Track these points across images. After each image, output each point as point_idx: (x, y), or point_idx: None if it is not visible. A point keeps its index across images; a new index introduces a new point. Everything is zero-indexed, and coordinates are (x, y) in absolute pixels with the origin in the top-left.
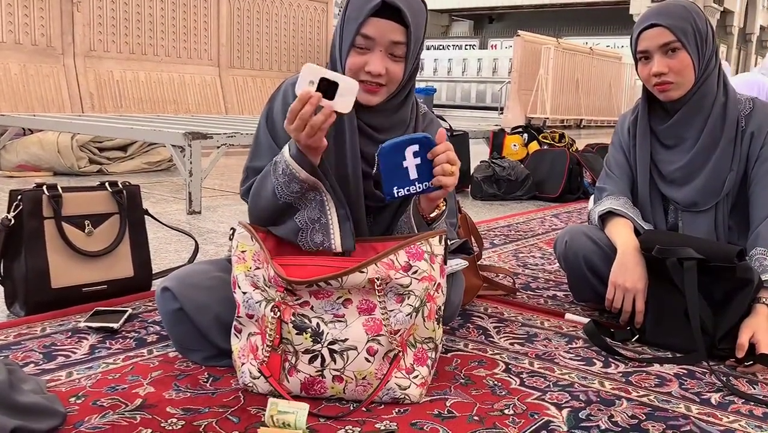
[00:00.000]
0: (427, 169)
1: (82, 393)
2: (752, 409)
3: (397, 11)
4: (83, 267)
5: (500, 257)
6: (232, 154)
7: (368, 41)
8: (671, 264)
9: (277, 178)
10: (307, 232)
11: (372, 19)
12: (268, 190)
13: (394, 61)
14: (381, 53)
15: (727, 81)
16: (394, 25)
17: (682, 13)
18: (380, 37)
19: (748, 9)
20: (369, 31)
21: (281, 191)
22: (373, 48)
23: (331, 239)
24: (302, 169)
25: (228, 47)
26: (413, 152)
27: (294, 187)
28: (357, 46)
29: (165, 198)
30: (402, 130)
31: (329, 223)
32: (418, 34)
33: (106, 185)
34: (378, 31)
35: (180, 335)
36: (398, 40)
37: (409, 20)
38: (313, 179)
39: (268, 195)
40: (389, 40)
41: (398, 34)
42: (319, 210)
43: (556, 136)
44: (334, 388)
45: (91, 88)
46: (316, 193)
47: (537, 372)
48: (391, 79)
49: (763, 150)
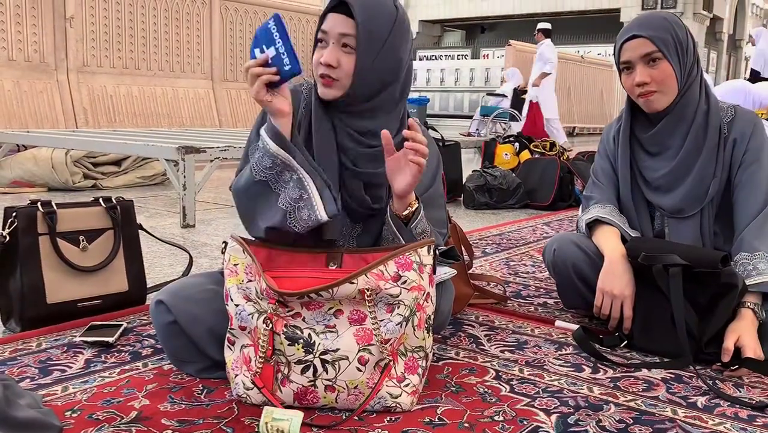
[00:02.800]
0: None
1: (78, 407)
2: (737, 412)
3: (348, 6)
4: (78, 282)
5: (492, 265)
6: (226, 167)
7: (324, 35)
8: (657, 271)
9: (253, 156)
10: (294, 212)
11: (329, 15)
12: (247, 170)
13: (346, 54)
14: (333, 46)
15: (709, 89)
16: (344, 18)
17: (662, 24)
18: (331, 29)
19: (738, 16)
20: (324, 26)
21: (256, 168)
22: (328, 41)
23: (315, 210)
24: (272, 142)
25: (221, 60)
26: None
27: (266, 162)
28: (318, 40)
29: (159, 212)
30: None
31: (311, 197)
32: (372, 28)
33: (100, 201)
34: (330, 25)
35: (174, 348)
36: (346, 32)
37: (356, 13)
38: (284, 153)
39: (246, 174)
40: (338, 32)
41: (346, 27)
42: (299, 188)
43: (547, 145)
44: (326, 397)
45: (85, 104)
46: (292, 172)
47: (527, 379)
48: (344, 72)
49: (746, 156)
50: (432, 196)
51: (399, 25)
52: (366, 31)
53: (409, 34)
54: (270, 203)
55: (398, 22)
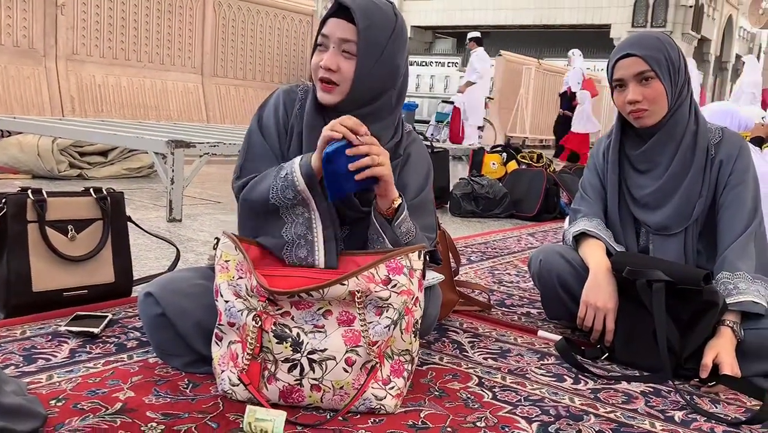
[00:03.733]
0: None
1: (63, 396)
2: (713, 427)
3: (350, 11)
4: (65, 272)
5: (476, 273)
6: (214, 163)
7: (325, 39)
8: (641, 285)
9: (277, 180)
10: (292, 246)
11: (330, 20)
12: (264, 187)
13: (346, 59)
14: (333, 50)
15: (698, 110)
16: (345, 23)
17: (655, 44)
18: (332, 34)
19: (725, 38)
20: (325, 30)
21: (275, 193)
22: (328, 45)
23: (315, 255)
24: (303, 181)
25: (212, 55)
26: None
27: (288, 194)
28: (318, 45)
29: (145, 205)
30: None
31: (314, 240)
32: (372, 34)
33: (91, 191)
34: (331, 30)
35: (161, 341)
36: (347, 37)
37: (358, 19)
38: (308, 193)
39: (263, 191)
40: (338, 37)
41: (347, 32)
42: (306, 227)
43: (535, 157)
44: (311, 397)
45: (73, 92)
46: (305, 210)
47: (509, 387)
48: (343, 77)
49: (731, 178)
50: (422, 201)
51: (398, 33)
52: (366, 38)
53: (407, 43)
54: (273, 225)
55: (397, 30)
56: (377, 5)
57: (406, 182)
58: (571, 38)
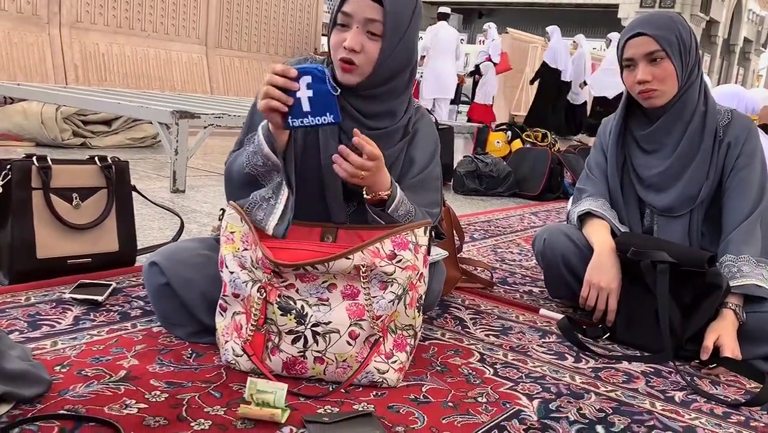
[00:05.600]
0: (319, 104)
1: (67, 362)
2: (713, 408)
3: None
4: (69, 239)
5: (479, 251)
6: (217, 135)
7: (347, 18)
8: (645, 266)
9: (249, 147)
10: (254, 206)
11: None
12: (241, 158)
13: (370, 39)
14: (357, 30)
15: (708, 92)
16: (370, 2)
17: (667, 23)
18: (356, 13)
19: (734, 20)
20: (347, 8)
21: (248, 160)
22: (351, 24)
23: (269, 219)
24: (265, 144)
25: (216, 27)
26: (306, 83)
27: (257, 160)
28: (338, 23)
29: (148, 175)
30: (391, 121)
31: (275, 205)
32: (398, 15)
33: (96, 159)
34: (355, 8)
35: (165, 310)
36: (373, 17)
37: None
38: (273, 158)
39: (240, 162)
40: (364, 17)
41: (374, 12)
42: (273, 191)
43: (539, 136)
44: (314, 369)
45: (76, 60)
46: (277, 174)
47: (510, 363)
48: (367, 58)
49: (738, 161)
50: (426, 177)
51: (418, 12)
52: (393, 19)
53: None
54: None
55: (417, 8)
56: None
57: (413, 157)
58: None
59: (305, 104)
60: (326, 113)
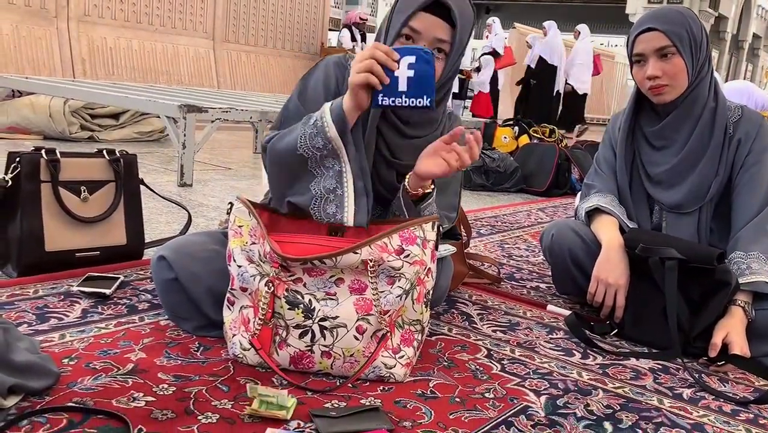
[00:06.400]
0: (419, 86)
1: (75, 355)
2: (722, 405)
3: (447, 10)
4: (77, 232)
5: (486, 246)
6: (224, 129)
7: (415, 34)
8: (653, 263)
9: (306, 129)
10: (320, 201)
11: (421, 14)
12: (292, 137)
13: (436, 59)
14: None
15: (718, 88)
16: (442, 22)
17: (678, 18)
18: (426, 31)
19: (743, 16)
20: (416, 24)
21: (303, 142)
22: (417, 41)
23: (344, 211)
24: (333, 126)
25: (223, 21)
26: (408, 63)
27: (318, 142)
28: (403, 34)
29: (156, 169)
30: (431, 129)
31: (344, 195)
32: (463, 36)
33: (104, 153)
34: (425, 26)
35: (173, 304)
36: (443, 37)
37: (456, 19)
38: (339, 141)
39: (290, 141)
40: (434, 36)
41: (444, 32)
42: (336, 180)
43: (547, 131)
44: (322, 363)
45: (84, 54)
46: (336, 162)
47: (518, 359)
48: None
49: (749, 157)
50: (450, 180)
51: (474, 25)
52: (460, 39)
53: None
54: (302, 180)
55: (474, 22)
56: (466, 1)
57: None
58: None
59: (402, 83)
60: (423, 96)
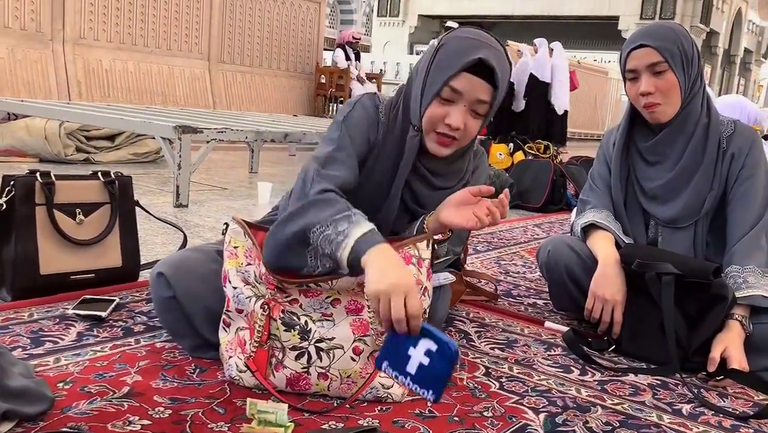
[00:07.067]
0: (429, 378)
1: (70, 379)
2: (721, 421)
3: (490, 71)
4: (72, 255)
5: (483, 263)
6: (220, 149)
7: (455, 94)
8: (650, 278)
9: (329, 230)
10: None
11: (464, 74)
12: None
13: (474, 118)
14: (464, 108)
15: (710, 103)
16: (484, 83)
17: (670, 35)
18: (468, 92)
19: (734, 31)
20: (458, 84)
21: (317, 237)
22: (457, 101)
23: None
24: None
25: (218, 41)
26: (427, 349)
27: (326, 262)
28: (442, 96)
29: (151, 190)
30: (457, 179)
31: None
32: (502, 94)
33: (99, 175)
34: (467, 87)
35: (171, 321)
36: (484, 99)
37: (498, 81)
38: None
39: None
40: (476, 98)
41: (485, 93)
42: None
43: (542, 147)
44: (318, 385)
45: (79, 76)
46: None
47: (516, 377)
48: (467, 135)
49: (742, 172)
50: None
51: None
52: (498, 98)
53: None
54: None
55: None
56: (505, 59)
57: None
58: (578, 29)
59: (413, 365)
60: (429, 390)
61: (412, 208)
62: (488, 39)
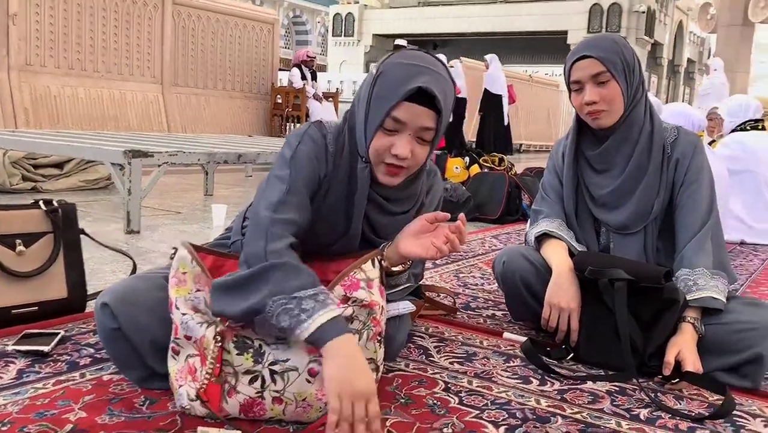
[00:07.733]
0: None
1: (8, 420)
2: (678, 424)
3: (431, 98)
4: (13, 288)
5: (441, 276)
6: (174, 173)
7: (398, 124)
8: (603, 284)
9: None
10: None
11: (405, 103)
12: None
13: (421, 145)
14: (409, 137)
15: (653, 110)
16: (427, 110)
17: (611, 45)
18: (411, 121)
19: (677, 42)
20: (401, 114)
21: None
22: (402, 130)
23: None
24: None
25: (172, 64)
26: None
27: (276, 331)
28: (385, 127)
29: (102, 217)
30: (413, 202)
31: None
32: (446, 118)
33: (41, 204)
34: (410, 116)
35: (116, 353)
36: (429, 126)
37: (441, 106)
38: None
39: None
40: (420, 126)
41: (429, 120)
42: None
43: (496, 160)
44: (273, 410)
45: (26, 103)
46: None
47: (475, 391)
48: (415, 162)
49: (687, 176)
50: None
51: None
52: (444, 122)
53: None
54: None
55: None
56: (447, 81)
57: None
58: (529, 44)
59: None
60: None
61: (369, 237)
62: (428, 62)
